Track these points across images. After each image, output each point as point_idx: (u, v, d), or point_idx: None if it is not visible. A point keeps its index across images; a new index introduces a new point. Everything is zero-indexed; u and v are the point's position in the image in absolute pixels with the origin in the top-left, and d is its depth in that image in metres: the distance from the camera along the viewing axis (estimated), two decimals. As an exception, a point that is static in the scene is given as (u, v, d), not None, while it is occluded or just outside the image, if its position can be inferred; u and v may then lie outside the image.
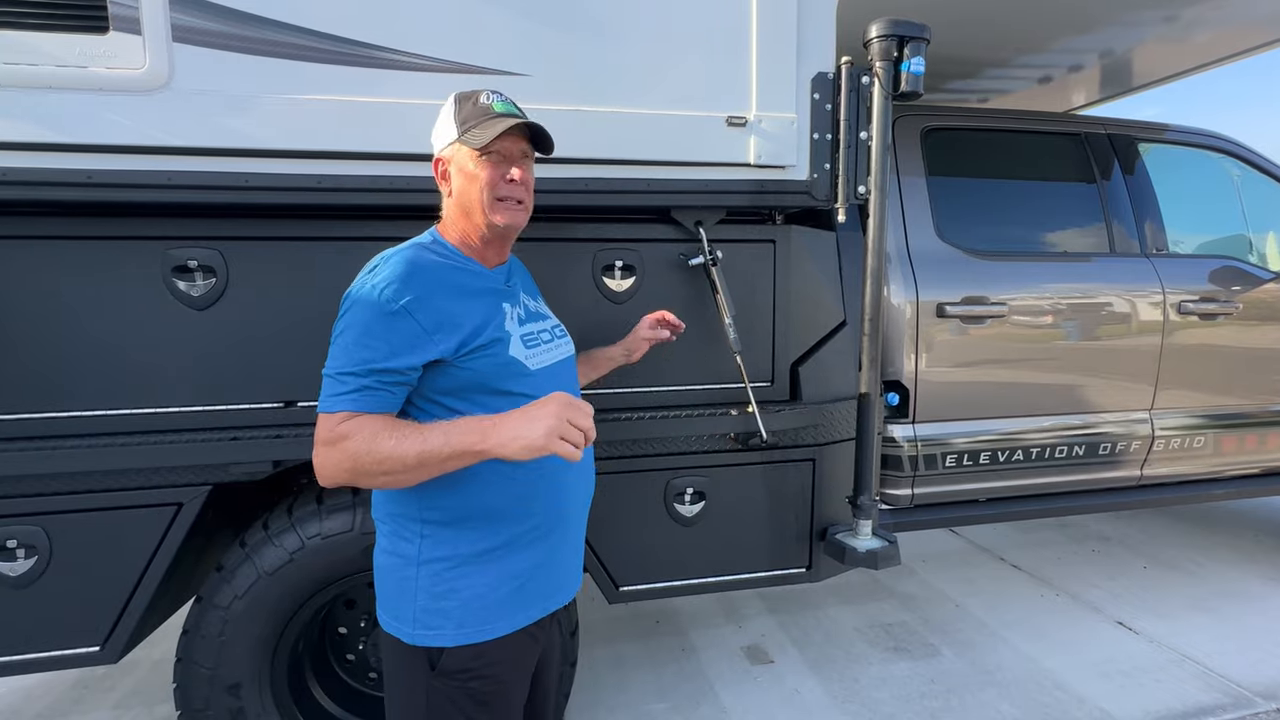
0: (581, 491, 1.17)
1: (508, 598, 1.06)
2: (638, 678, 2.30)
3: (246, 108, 1.38)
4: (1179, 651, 2.42)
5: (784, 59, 1.62)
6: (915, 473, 2.19)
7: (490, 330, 1.04)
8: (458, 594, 1.03)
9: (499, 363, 1.03)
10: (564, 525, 1.13)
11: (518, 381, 1.05)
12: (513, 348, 1.06)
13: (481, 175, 1.06)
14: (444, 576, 1.03)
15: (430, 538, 1.04)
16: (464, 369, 1.01)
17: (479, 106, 1.07)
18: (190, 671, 1.53)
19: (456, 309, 1.02)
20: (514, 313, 1.11)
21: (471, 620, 1.03)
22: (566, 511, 1.13)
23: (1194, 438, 2.46)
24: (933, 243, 2.20)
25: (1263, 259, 2.70)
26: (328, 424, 0.96)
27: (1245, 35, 2.79)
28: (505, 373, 1.04)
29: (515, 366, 1.05)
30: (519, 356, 1.06)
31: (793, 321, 1.81)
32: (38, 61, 1.28)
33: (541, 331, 1.15)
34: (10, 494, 1.42)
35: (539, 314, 1.19)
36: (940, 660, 2.39)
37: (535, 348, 1.11)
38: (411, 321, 0.97)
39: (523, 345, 1.08)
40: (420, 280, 1.00)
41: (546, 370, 1.11)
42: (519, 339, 1.08)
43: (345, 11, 1.40)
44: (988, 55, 2.85)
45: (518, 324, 1.10)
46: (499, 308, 1.08)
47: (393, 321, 0.97)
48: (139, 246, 1.43)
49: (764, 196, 1.68)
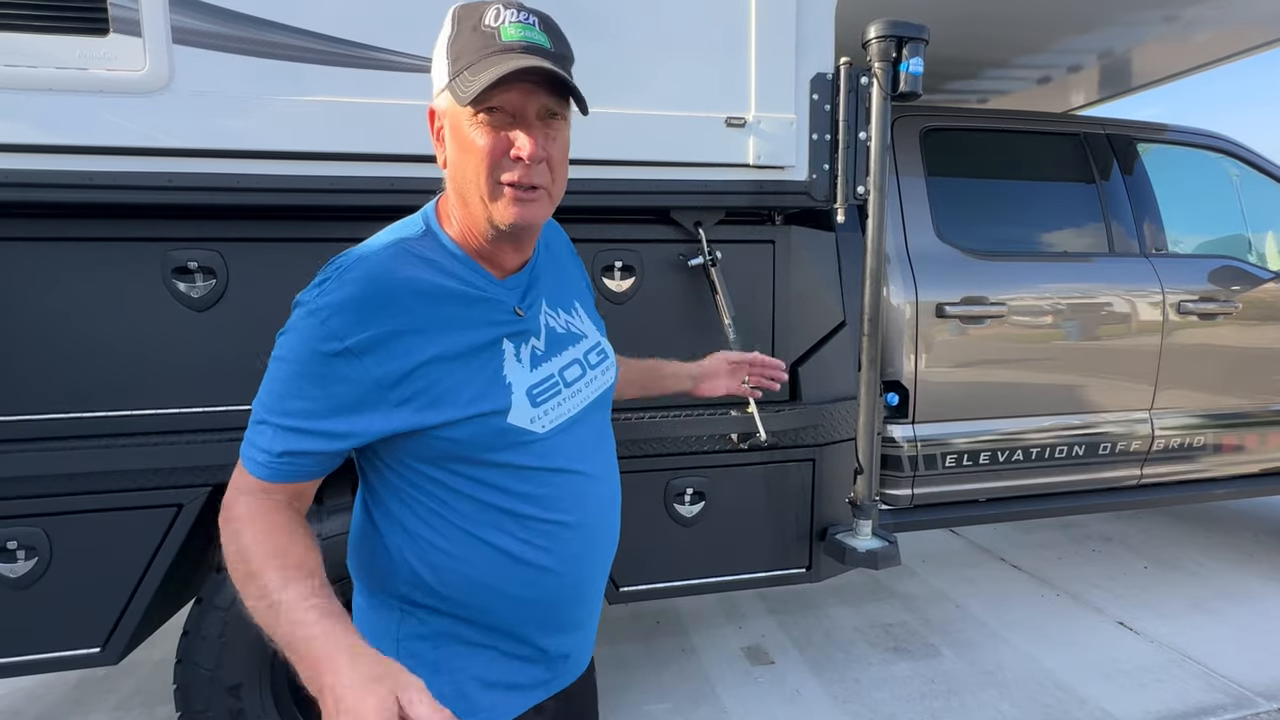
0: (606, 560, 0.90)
1: (505, 684, 0.83)
2: (638, 678, 2.29)
3: (246, 109, 1.38)
4: (1180, 651, 2.42)
5: (783, 60, 1.63)
6: (915, 473, 2.19)
7: (480, 389, 0.73)
8: (445, 675, 0.79)
9: (490, 432, 0.74)
10: (580, 608, 0.87)
11: (519, 452, 0.76)
12: (514, 413, 0.75)
13: (476, 144, 0.70)
14: (426, 659, 0.79)
15: (412, 615, 0.80)
16: (440, 439, 0.72)
17: (480, 32, 0.70)
18: (191, 673, 1.53)
19: (435, 355, 0.70)
20: (524, 352, 0.78)
21: (462, 705, 0.79)
22: (587, 599, 0.87)
23: (1194, 437, 2.46)
24: (932, 243, 2.20)
25: (1262, 259, 2.71)
26: (238, 481, 0.71)
27: (1245, 35, 2.79)
28: (500, 443, 0.75)
29: (515, 435, 0.75)
30: (520, 422, 0.75)
31: (792, 322, 1.81)
32: (38, 63, 1.29)
33: (566, 369, 0.82)
34: (11, 495, 1.42)
35: (570, 335, 0.84)
36: (941, 660, 2.38)
37: (550, 399, 0.79)
38: (360, 370, 0.68)
39: (529, 404, 0.76)
40: (385, 309, 0.68)
41: (564, 427, 0.80)
42: (525, 395, 0.76)
43: (343, 13, 1.41)
44: (987, 55, 2.85)
45: (529, 367, 0.78)
46: (498, 350, 0.76)
47: (333, 367, 0.68)
48: (139, 248, 1.43)
49: (763, 197, 1.68)
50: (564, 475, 0.80)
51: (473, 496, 0.76)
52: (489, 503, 0.76)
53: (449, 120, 0.73)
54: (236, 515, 0.69)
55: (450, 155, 0.74)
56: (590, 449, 0.84)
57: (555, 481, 0.79)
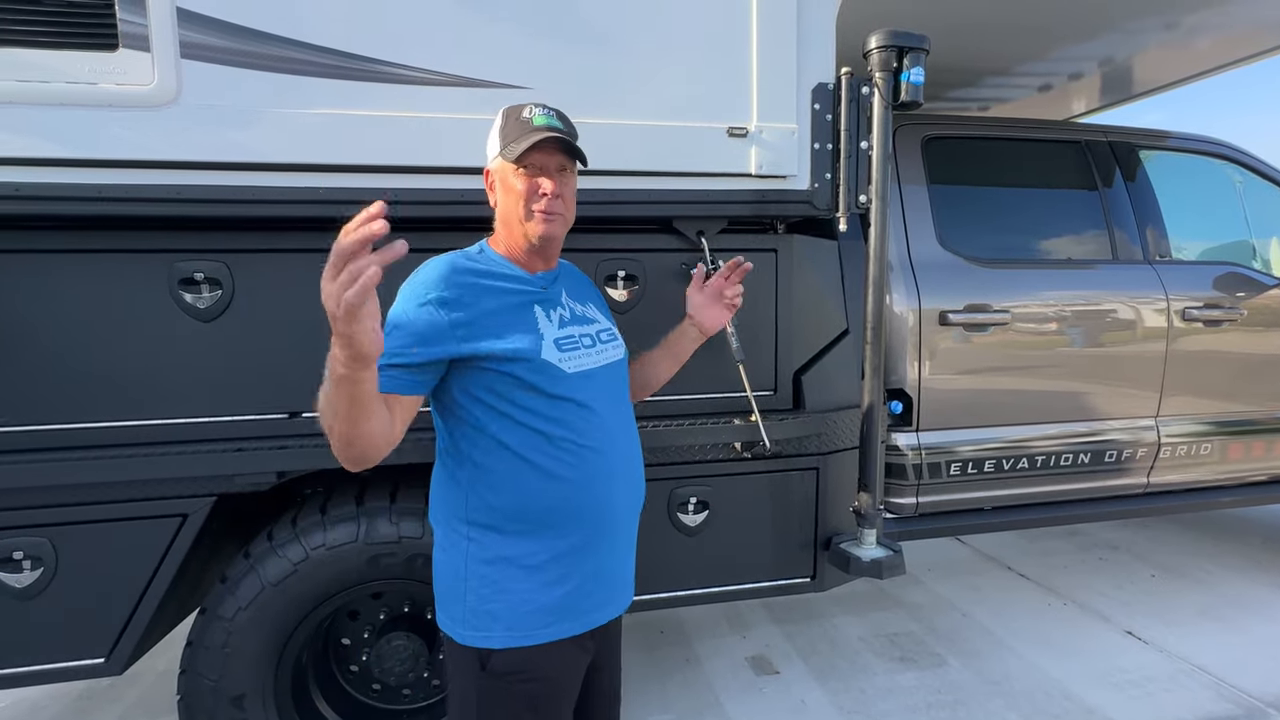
0: (629, 501, 1.18)
1: (555, 605, 1.07)
2: (642, 688, 2.28)
3: (253, 122, 1.39)
4: (1189, 661, 2.40)
5: (784, 70, 1.64)
6: (920, 481, 2.19)
7: (521, 331, 1.06)
8: (505, 597, 1.05)
9: (531, 366, 1.05)
10: (612, 537, 1.14)
11: (553, 384, 1.07)
12: (545, 351, 1.07)
13: (517, 188, 1.10)
14: (491, 579, 1.05)
15: (476, 541, 1.07)
16: (496, 370, 1.04)
17: (520, 121, 1.11)
18: (194, 683, 1.53)
19: (484, 309, 1.06)
20: (552, 315, 1.13)
21: (520, 624, 1.05)
22: (613, 523, 1.14)
23: (1201, 445, 2.44)
24: (935, 251, 2.20)
25: (1266, 265, 2.70)
26: None
27: (1246, 41, 2.80)
28: (538, 375, 1.06)
29: (549, 369, 1.06)
30: (551, 359, 1.07)
31: (795, 330, 1.81)
32: (49, 79, 1.30)
33: (584, 335, 1.15)
34: (16, 505, 1.42)
35: (585, 318, 1.20)
36: (947, 670, 2.37)
37: (572, 350, 1.11)
38: (437, 314, 1.02)
39: (556, 348, 1.09)
40: (452, 280, 1.06)
41: (585, 374, 1.11)
42: (552, 342, 1.09)
43: (349, 27, 1.42)
44: (987, 64, 2.86)
45: (556, 326, 1.12)
46: (530, 310, 1.10)
47: (419, 313, 1.03)
48: (146, 259, 1.45)
49: (765, 206, 1.69)
50: (586, 410, 1.10)
51: (521, 422, 1.05)
52: (533, 427, 1.05)
53: (499, 176, 1.14)
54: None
55: (499, 197, 1.15)
56: (606, 399, 1.14)
57: (580, 413, 1.09)
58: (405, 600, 1.75)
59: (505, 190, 1.12)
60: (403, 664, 1.75)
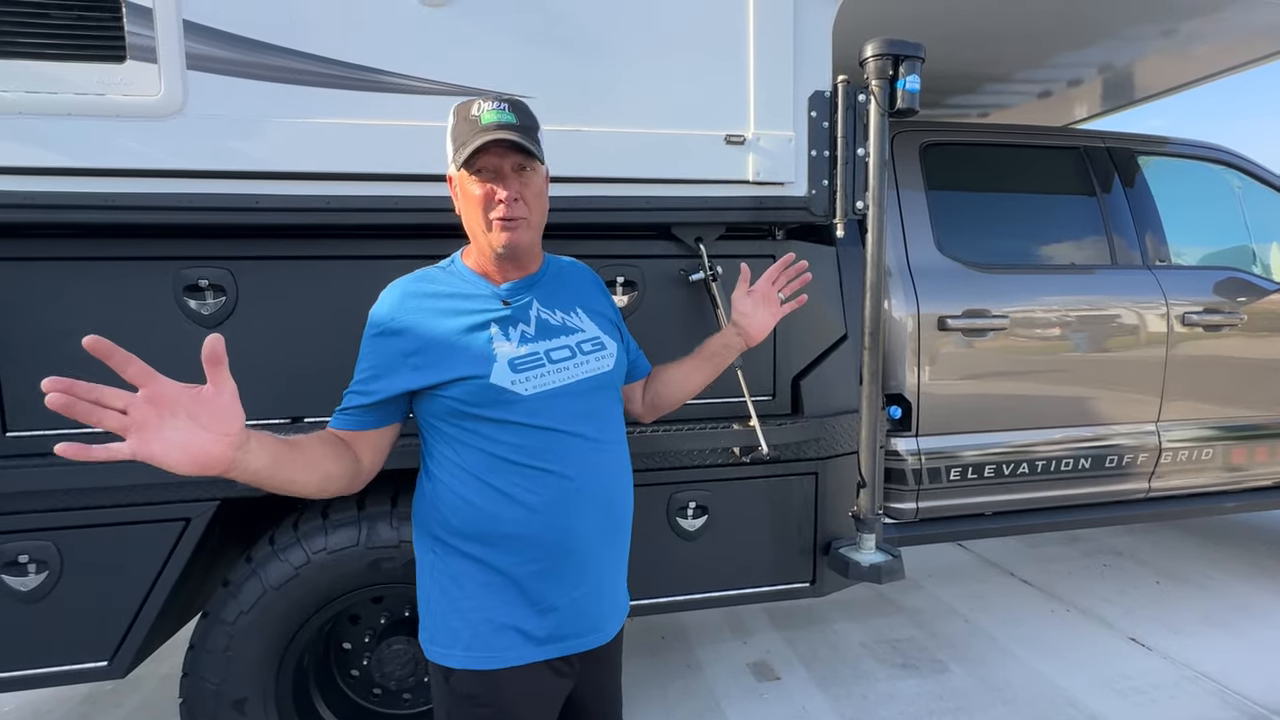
0: (602, 526, 1.07)
1: (515, 629, 1.02)
2: (643, 694, 2.28)
3: (257, 131, 1.42)
4: (1193, 668, 2.38)
5: (781, 78, 1.65)
6: (919, 486, 2.18)
7: (466, 358, 1.00)
8: (463, 616, 1.02)
9: (477, 392, 0.99)
10: (580, 564, 1.05)
11: (506, 409, 1.00)
12: (496, 374, 0.99)
13: (474, 194, 1.02)
14: (452, 596, 1.03)
15: (440, 556, 1.04)
16: (444, 397, 1.00)
17: (469, 120, 1.01)
18: (196, 687, 1.53)
19: (435, 335, 1.00)
20: (512, 333, 1.04)
21: (478, 645, 1.01)
22: (580, 551, 1.04)
23: (1202, 450, 2.44)
24: (933, 256, 2.21)
25: (1266, 270, 2.69)
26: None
27: (1245, 48, 2.80)
28: (486, 400, 0.99)
29: (500, 395, 0.99)
30: (502, 383, 1.00)
31: (794, 335, 1.82)
32: (58, 90, 1.33)
33: (554, 350, 1.05)
34: (22, 510, 1.44)
35: (564, 328, 1.09)
36: (949, 677, 2.36)
37: (533, 370, 1.02)
38: (391, 344, 1.01)
39: (510, 370, 1.01)
40: (404, 306, 1.03)
41: (549, 394, 1.02)
42: (507, 364, 1.01)
43: (351, 37, 1.45)
44: (986, 70, 2.87)
45: (516, 344, 1.03)
46: (483, 332, 1.02)
47: (376, 344, 1.03)
48: (152, 267, 1.47)
49: (763, 213, 1.70)
50: (549, 433, 1.02)
51: (477, 447, 1.01)
52: (490, 452, 1.01)
53: (458, 183, 1.05)
54: None
55: (461, 206, 1.07)
56: (581, 417, 1.05)
57: (541, 436, 1.02)
58: (406, 604, 1.76)
59: (465, 199, 1.03)
60: (403, 668, 1.75)
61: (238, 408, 0.77)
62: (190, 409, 0.74)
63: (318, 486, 0.93)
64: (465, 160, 0.98)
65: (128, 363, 0.72)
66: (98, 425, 0.70)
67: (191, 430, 0.74)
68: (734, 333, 1.37)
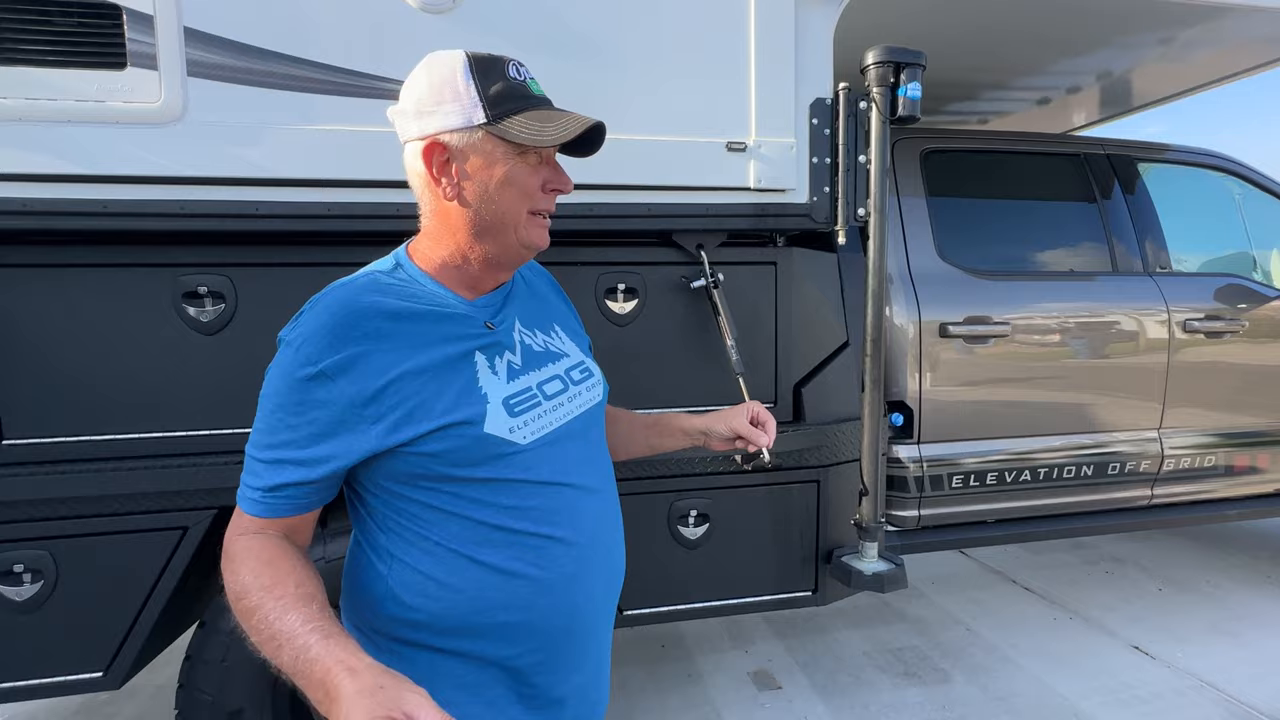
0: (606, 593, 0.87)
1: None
2: (643, 704, 2.26)
3: (257, 138, 1.42)
4: (1198, 677, 2.37)
5: (782, 85, 1.66)
6: (921, 494, 2.17)
7: (453, 400, 0.74)
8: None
9: (467, 443, 0.74)
10: (584, 642, 0.84)
11: (501, 465, 0.76)
12: (490, 421, 0.75)
13: (526, 181, 0.78)
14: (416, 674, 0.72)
15: (400, 655, 0.78)
16: (420, 454, 0.73)
17: (510, 84, 0.76)
18: (192, 698, 1.52)
19: (407, 371, 0.73)
20: (499, 364, 0.80)
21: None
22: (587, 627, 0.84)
23: (1205, 457, 2.43)
24: (934, 263, 2.21)
25: (1267, 276, 2.70)
26: (235, 523, 0.75)
27: (1243, 55, 2.81)
28: (477, 456, 0.75)
29: (493, 446, 0.75)
30: (499, 432, 0.76)
31: (795, 343, 1.82)
32: (58, 97, 1.33)
33: (546, 383, 0.83)
34: (18, 518, 1.43)
35: (549, 354, 0.86)
36: (952, 686, 2.34)
37: (529, 410, 0.79)
38: (335, 391, 0.71)
39: (507, 413, 0.77)
40: (353, 332, 0.72)
41: (548, 439, 0.80)
42: (502, 405, 0.77)
43: (352, 44, 1.45)
44: (984, 77, 2.88)
45: (505, 379, 0.79)
46: (469, 364, 0.77)
47: (310, 391, 0.71)
48: (151, 273, 1.46)
49: (764, 220, 1.70)
50: (553, 488, 0.80)
51: (460, 514, 0.76)
52: (477, 519, 0.76)
53: (476, 154, 0.76)
54: (235, 554, 0.72)
55: (475, 187, 0.77)
56: (582, 464, 0.84)
57: (544, 494, 0.79)
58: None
59: (496, 181, 0.76)
60: (402, 679, 1.74)
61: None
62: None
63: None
64: (551, 141, 0.75)
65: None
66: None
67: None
68: (702, 430, 1.07)
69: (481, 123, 0.75)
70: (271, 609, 0.65)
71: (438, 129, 0.76)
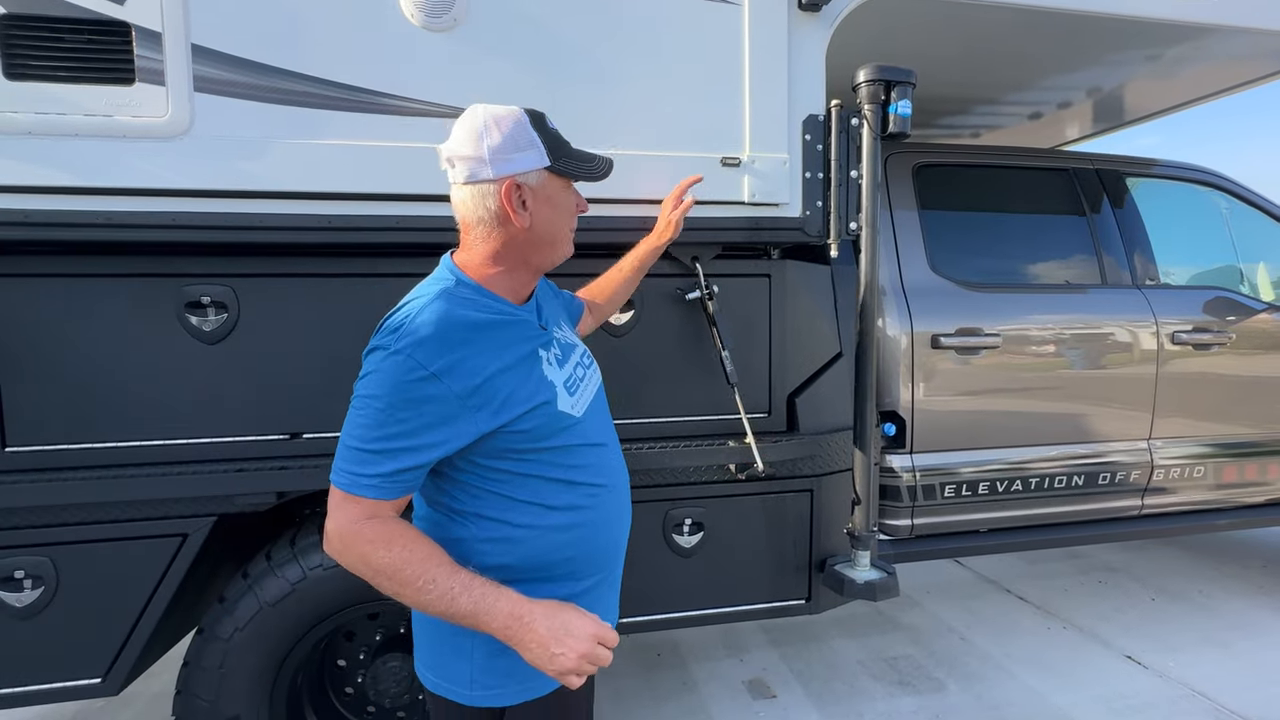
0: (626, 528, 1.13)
1: None
2: (638, 712, 2.27)
3: (262, 152, 1.45)
4: (1190, 687, 2.38)
5: (776, 103, 1.69)
6: (914, 503, 2.20)
7: (535, 385, 0.95)
8: (509, 652, 0.91)
9: (548, 420, 0.95)
10: (617, 569, 1.11)
11: (567, 434, 0.98)
12: (560, 400, 0.97)
13: (570, 207, 1.02)
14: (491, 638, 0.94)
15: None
16: (510, 433, 0.92)
17: (553, 133, 0.99)
18: (190, 704, 1.53)
19: (497, 370, 0.91)
20: (551, 356, 1.01)
21: (535, 674, 0.95)
22: (619, 555, 1.11)
23: (1194, 467, 2.46)
24: (926, 275, 2.24)
25: (1254, 289, 2.73)
26: (351, 512, 0.87)
27: (1231, 72, 2.86)
28: (555, 428, 0.96)
29: (564, 420, 0.97)
30: (567, 409, 0.98)
31: (789, 353, 1.84)
32: (68, 111, 1.36)
33: (577, 367, 1.06)
34: (19, 525, 1.44)
35: (570, 344, 1.09)
36: (946, 695, 2.35)
37: (576, 393, 1.02)
38: (444, 389, 0.86)
39: (567, 393, 0.99)
40: (456, 339, 0.89)
41: (589, 411, 1.03)
42: (563, 387, 0.99)
43: (355, 61, 1.48)
44: (975, 93, 2.93)
45: (558, 367, 1.01)
46: (537, 356, 0.98)
47: (423, 390, 0.86)
48: (155, 284, 1.48)
49: (758, 233, 1.73)
50: (597, 448, 1.03)
51: (537, 475, 0.96)
52: (550, 477, 0.97)
53: (542, 190, 0.97)
54: (371, 538, 0.86)
55: (542, 215, 0.98)
56: (605, 426, 1.09)
57: (593, 453, 1.02)
58: (401, 621, 1.76)
59: (551, 207, 0.98)
60: (398, 686, 1.75)
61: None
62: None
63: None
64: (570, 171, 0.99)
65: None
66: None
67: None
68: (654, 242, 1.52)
69: (547, 165, 0.97)
70: (438, 573, 0.84)
71: (515, 172, 0.95)
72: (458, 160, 0.95)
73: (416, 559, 0.85)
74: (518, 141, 0.94)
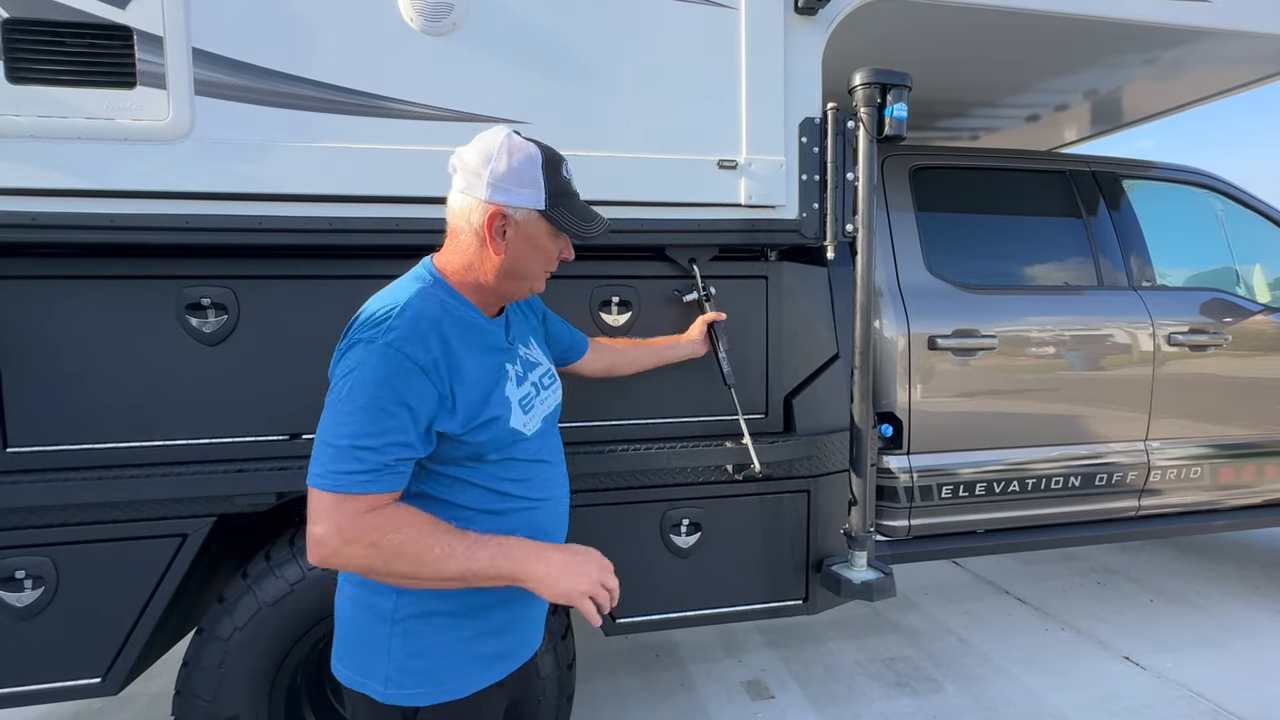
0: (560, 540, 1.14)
1: (487, 652, 1.03)
2: (636, 713, 2.27)
3: (262, 155, 1.46)
4: (1187, 688, 2.38)
5: (772, 105, 1.70)
6: (911, 504, 2.20)
7: (495, 399, 0.98)
8: (437, 651, 0.98)
9: (499, 434, 0.98)
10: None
11: (514, 449, 1.01)
12: (514, 417, 1.00)
13: (548, 250, 1.03)
14: (422, 633, 0.98)
15: (408, 594, 0.97)
16: (467, 442, 0.95)
17: (563, 181, 1.01)
18: (189, 704, 1.53)
19: (471, 370, 0.95)
20: (514, 371, 1.04)
21: (451, 678, 0.99)
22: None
23: (1190, 468, 2.46)
24: (923, 277, 2.25)
25: (1250, 291, 2.74)
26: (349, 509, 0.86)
27: (1229, 74, 2.87)
28: (505, 443, 1.00)
29: (514, 435, 1.00)
30: (518, 425, 1.01)
31: (785, 355, 1.85)
32: (69, 114, 1.37)
33: (535, 383, 1.09)
34: (20, 525, 1.45)
35: (533, 362, 1.11)
36: (943, 696, 2.35)
37: (530, 411, 1.05)
38: (430, 383, 0.90)
39: (521, 411, 1.02)
40: (438, 333, 0.92)
41: (540, 430, 1.07)
42: (518, 405, 1.02)
43: (354, 64, 1.49)
44: (972, 96, 2.94)
45: (516, 384, 1.04)
46: (502, 370, 1.01)
47: (414, 382, 0.88)
48: (155, 285, 1.49)
49: (755, 235, 1.74)
50: (541, 465, 1.07)
51: (480, 484, 0.99)
52: (491, 488, 1.00)
53: (524, 229, 0.99)
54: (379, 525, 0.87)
55: (516, 250, 1.00)
56: (553, 447, 1.12)
57: (536, 469, 1.06)
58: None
59: (533, 249, 1.01)
60: (396, 686, 1.75)
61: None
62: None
63: None
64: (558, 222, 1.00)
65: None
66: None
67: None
68: (691, 348, 1.63)
69: (540, 209, 0.98)
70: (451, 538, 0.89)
71: (506, 202, 0.97)
72: (461, 169, 0.99)
73: (428, 532, 0.88)
74: (521, 177, 0.97)
